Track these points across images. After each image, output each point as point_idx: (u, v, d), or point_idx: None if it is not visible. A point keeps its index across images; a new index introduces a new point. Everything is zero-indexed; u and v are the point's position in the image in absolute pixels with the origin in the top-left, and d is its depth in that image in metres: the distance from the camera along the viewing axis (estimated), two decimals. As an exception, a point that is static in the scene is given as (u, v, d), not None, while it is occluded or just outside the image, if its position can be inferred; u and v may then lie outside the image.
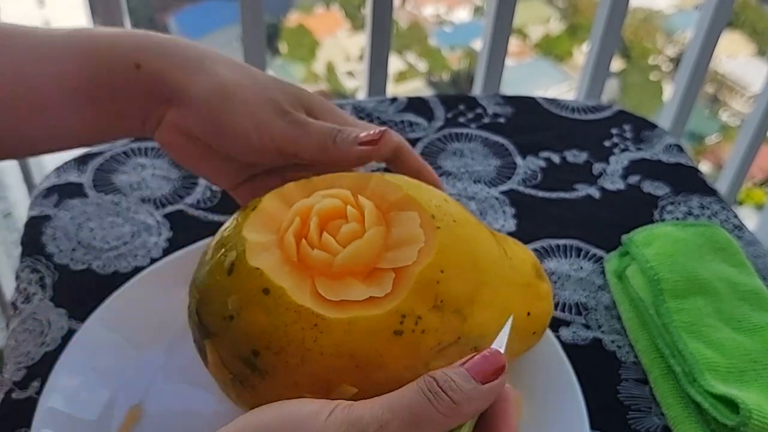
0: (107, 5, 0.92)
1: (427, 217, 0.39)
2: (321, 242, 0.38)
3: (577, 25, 7.34)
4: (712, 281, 0.55)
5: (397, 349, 0.36)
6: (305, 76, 7.57)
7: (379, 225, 0.39)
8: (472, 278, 0.39)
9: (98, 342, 0.49)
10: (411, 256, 0.38)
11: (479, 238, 0.41)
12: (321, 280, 0.37)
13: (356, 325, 0.36)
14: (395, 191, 0.40)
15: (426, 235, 0.38)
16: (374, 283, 0.37)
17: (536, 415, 0.48)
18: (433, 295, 0.37)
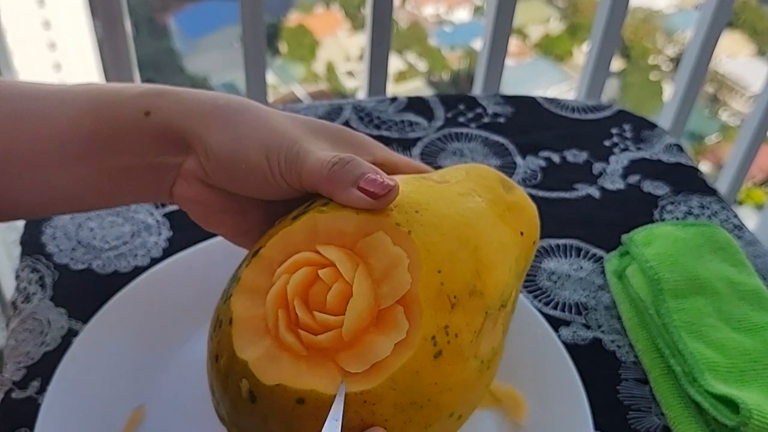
0: (107, 5, 0.92)
1: (393, 228, 0.37)
2: (318, 323, 0.36)
3: (577, 24, 7.35)
4: (712, 281, 0.55)
5: (446, 368, 0.36)
6: (305, 76, 7.57)
7: (356, 266, 0.37)
8: (466, 253, 0.38)
9: (101, 343, 0.49)
10: (405, 278, 0.36)
11: (445, 205, 0.40)
12: (341, 357, 0.35)
13: (400, 378, 0.35)
14: (347, 220, 0.38)
15: (404, 248, 0.37)
16: (390, 327, 0.36)
17: (540, 416, 0.48)
18: (445, 299, 0.36)
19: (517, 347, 0.51)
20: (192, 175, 0.43)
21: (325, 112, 0.74)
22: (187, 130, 0.42)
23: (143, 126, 0.42)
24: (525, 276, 0.44)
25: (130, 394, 0.48)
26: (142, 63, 1.03)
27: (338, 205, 0.39)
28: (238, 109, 0.43)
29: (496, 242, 0.40)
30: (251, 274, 0.38)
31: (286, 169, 0.41)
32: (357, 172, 0.39)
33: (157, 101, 0.43)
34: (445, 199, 0.40)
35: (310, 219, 0.39)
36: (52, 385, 0.47)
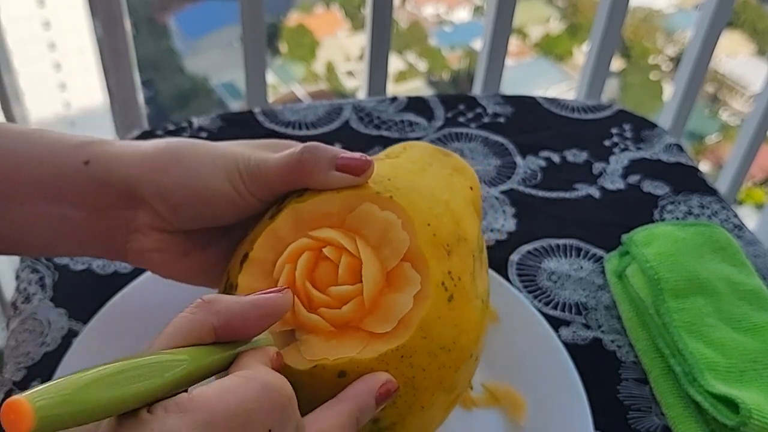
0: (107, 5, 0.92)
1: (375, 196, 0.39)
2: (334, 297, 0.37)
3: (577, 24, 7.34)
4: (712, 281, 0.55)
5: (459, 310, 0.38)
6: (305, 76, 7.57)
7: (354, 240, 0.38)
8: (442, 207, 0.40)
9: (101, 343, 0.49)
10: (404, 237, 0.38)
11: (407, 173, 0.42)
12: (367, 322, 0.36)
13: (427, 326, 0.36)
14: (330, 201, 0.39)
15: (392, 211, 0.38)
16: (404, 283, 0.37)
17: (540, 416, 0.48)
18: (441, 247, 0.38)
19: (517, 347, 0.52)
20: (148, 226, 0.42)
21: (325, 112, 0.74)
22: (131, 178, 0.41)
23: (82, 175, 0.41)
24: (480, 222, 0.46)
25: None
26: (142, 63, 1.03)
27: (314, 191, 0.40)
28: (179, 146, 0.42)
29: (459, 196, 0.43)
30: (247, 278, 0.38)
31: (250, 184, 0.41)
32: (328, 155, 0.39)
33: (96, 150, 0.42)
34: (403, 168, 0.42)
35: (291, 211, 0.39)
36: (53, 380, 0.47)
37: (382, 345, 0.36)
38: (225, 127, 0.71)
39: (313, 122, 0.73)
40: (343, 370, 0.35)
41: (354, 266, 0.37)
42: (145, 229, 0.42)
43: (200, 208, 0.41)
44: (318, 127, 0.72)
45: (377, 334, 0.36)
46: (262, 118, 0.72)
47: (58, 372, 0.47)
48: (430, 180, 0.42)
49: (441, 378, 0.37)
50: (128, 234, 0.43)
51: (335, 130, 0.72)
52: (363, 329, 0.36)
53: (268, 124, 0.72)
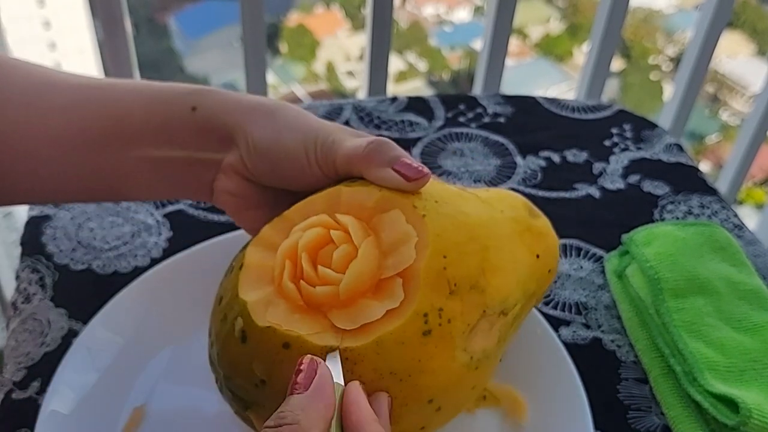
0: (107, 5, 0.92)
1: (410, 209, 0.39)
2: (320, 277, 0.37)
3: (577, 24, 7.35)
4: (712, 280, 0.55)
5: (432, 348, 0.36)
6: (305, 76, 7.57)
7: (368, 236, 0.38)
8: (475, 249, 0.39)
9: (101, 343, 0.49)
10: (410, 254, 0.37)
11: (466, 206, 0.41)
12: (334, 313, 0.37)
13: (385, 344, 0.35)
14: (369, 195, 0.40)
15: (416, 228, 0.38)
16: (385, 295, 0.37)
17: (540, 416, 0.48)
18: (445, 282, 0.37)
19: (517, 347, 0.51)
20: (232, 168, 0.45)
21: (325, 112, 0.74)
22: (232, 124, 0.44)
23: (189, 120, 0.45)
24: (534, 301, 0.44)
25: (131, 394, 0.48)
26: (142, 63, 1.03)
27: (366, 182, 0.41)
28: (278, 106, 0.45)
29: (508, 252, 0.41)
30: (270, 230, 0.41)
31: (321, 157, 0.43)
32: (393, 153, 0.41)
33: (203, 99, 0.45)
34: (468, 201, 0.42)
35: (335, 191, 0.41)
36: (52, 385, 0.47)
37: (333, 339, 0.36)
38: (225, 127, 0.71)
39: (313, 122, 0.72)
40: (288, 342, 0.36)
41: (351, 256, 0.37)
42: (229, 171, 0.45)
43: (274, 165, 0.44)
44: (318, 127, 0.72)
45: (336, 328, 0.36)
46: (262, 118, 0.72)
47: (58, 372, 0.47)
48: (487, 222, 0.41)
49: None
50: (216, 173, 0.46)
51: (335, 130, 0.72)
52: (328, 318, 0.37)
53: (268, 124, 0.72)
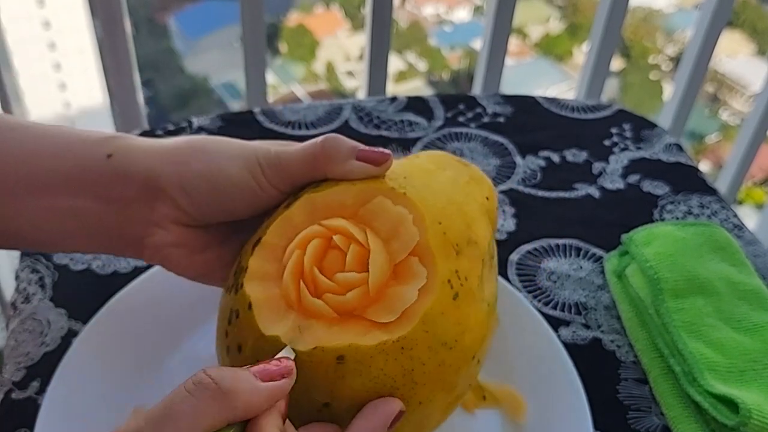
0: (107, 5, 0.92)
1: (390, 191, 0.39)
2: (341, 284, 0.37)
3: (576, 24, 7.34)
4: (712, 281, 0.55)
5: (465, 309, 0.38)
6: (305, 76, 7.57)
7: (364, 230, 0.38)
8: (455, 209, 0.40)
9: (101, 343, 0.49)
10: (413, 231, 0.38)
11: (423, 173, 0.42)
12: (370, 311, 0.37)
13: (430, 320, 0.36)
14: (345, 192, 0.40)
15: (405, 207, 0.39)
16: (409, 277, 0.37)
17: (539, 417, 0.48)
18: (450, 247, 0.38)
19: (517, 347, 0.52)
20: (168, 218, 0.42)
21: (325, 112, 0.74)
22: (154, 170, 0.41)
23: (105, 168, 0.41)
24: (496, 235, 0.46)
25: (130, 395, 0.48)
26: (142, 63, 1.03)
27: (331, 182, 0.40)
28: (200, 140, 0.43)
29: (472, 201, 0.43)
30: (258, 261, 0.39)
31: (271, 174, 0.41)
32: (349, 144, 0.40)
33: (119, 144, 0.42)
34: (420, 168, 0.43)
35: (306, 200, 0.40)
36: (51, 385, 0.47)
37: (384, 334, 0.36)
38: (225, 127, 0.71)
39: (313, 122, 0.73)
40: (342, 354, 0.35)
41: (362, 256, 0.37)
42: (164, 222, 0.42)
43: (221, 199, 0.41)
44: (318, 127, 0.72)
45: (379, 324, 0.36)
46: (262, 118, 0.72)
47: (58, 372, 0.47)
48: (445, 183, 0.43)
49: (440, 375, 0.37)
50: (146, 228, 0.42)
51: (335, 130, 0.72)
52: (366, 318, 0.36)
53: (268, 124, 0.72)
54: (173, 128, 0.70)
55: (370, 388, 0.35)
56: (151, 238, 0.42)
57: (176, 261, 0.43)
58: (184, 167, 0.41)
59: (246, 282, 0.38)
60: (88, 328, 0.50)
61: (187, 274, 0.44)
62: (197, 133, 0.70)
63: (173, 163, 0.41)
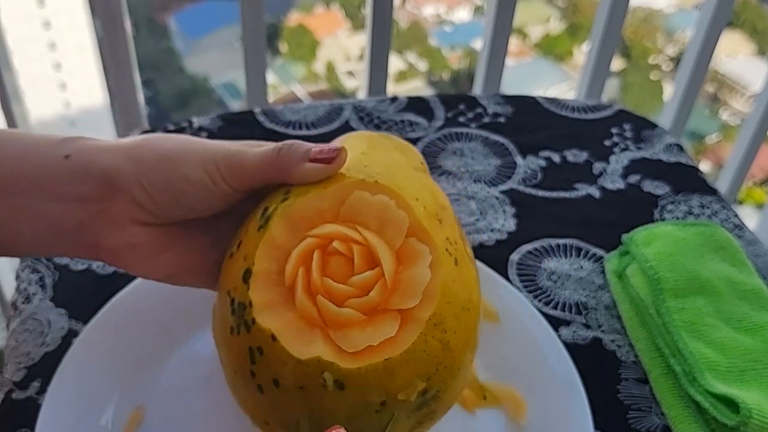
0: (107, 5, 0.92)
1: (363, 184, 0.40)
2: (357, 286, 0.37)
3: (577, 24, 7.34)
4: (713, 280, 0.55)
5: (465, 270, 0.40)
6: (305, 76, 7.57)
7: (355, 229, 0.38)
8: (417, 182, 0.42)
9: (101, 343, 0.50)
10: (402, 215, 0.39)
11: (371, 160, 0.43)
12: (392, 303, 0.37)
13: (448, 291, 0.38)
14: (318, 198, 0.39)
15: (383, 193, 0.39)
16: (415, 257, 0.38)
17: (540, 417, 0.48)
18: (434, 219, 0.40)
19: (518, 347, 0.52)
20: (125, 216, 0.42)
21: (325, 112, 0.74)
22: (111, 167, 0.41)
23: (62, 168, 0.41)
24: None
25: (130, 394, 0.48)
26: (142, 63, 1.03)
27: (299, 191, 0.40)
28: (157, 138, 0.43)
29: (418, 171, 0.44)
30: (259, 292, 0.38)
31: (228, 175, 0.41)
32: (303, 149, 0.41)
33: (77, 145, 0.42)
34: (365, 155, 0.43)
35: (282, 216, 0.39)
36: (52, 385, 0.47)
37: (417, 315, 0.37)
38: (225, 127, 0.71)
39: (313, 122, 0.73)
40: (387, 356, 0.36)
41: (365, 253, 0.38)
42: (123, 221, 0.42)
43: (177, 195, 0.41)
44: (318, 127, 0.72)
45: (406, 310, 0.37)
46: (262, 118, 0.72)
47: (59, 372, 0.47)
48: (394, 161, 0.44)
49: (467, 337, 0.39)
50: (104, 227, 0.42)
51: (335, 130, 0.72)
52: (391, 309, 0.37)
53: (268, 124, 0.72)
54: (173, 128, 0.70)
55: (420, 371, 0.36)
56: (109, 238, 0.42)
57: (135, 262, 0.43)
58: (140, 163, 0.41)
59: (257, 316, 0.37)
60: (89, 328, 0.50)
61: (149, 275, 0.44)
62: (197, 133, 0.70)
63: (130, 158, 0.41)
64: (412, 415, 0.38)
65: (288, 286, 0.37)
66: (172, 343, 0.51)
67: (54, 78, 6.84)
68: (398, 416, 0.37)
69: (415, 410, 0.38)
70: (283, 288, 0.38)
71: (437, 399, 0.38)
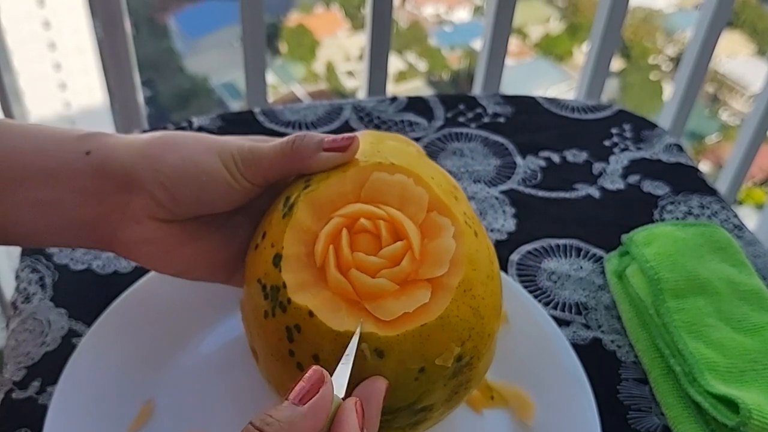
0: (107, 5, 0.92)
1: (380, 166, 0.41)
2: (389, 257, 0.38)
3: (576, 24, 7.34)
4: (712, 281, 0.55)
5: (484, 241, 0.41)
6: (305, 76, 7.57)
7: (378, 207, 0.40)
8: (427, 164, 0.43)
9: (111, 338, 0.50)
10: (421, 192, 0.40)
11: (383, 147, 0.44)
12: (421, 273, 0.38)
13: (473, 259, 0.39)
14: (339, 184, 0.41)
15: (401, 173, 0.41)
16: (438, 230, 0.39)
17: (547, 417, 0.48)
18: (449, 194, 0.41)
19: (525, 347, 0.52)
20: (143, 212, 0.42)
21: (325, 112, 0.74)
22: (131, 164, 0.42)
23: (83, 164, 0.42)
24: None
25: (140, 389, 0.48)
26: (142, 63, 1.03)
27: (319, 178, 0.41)
28: (175, 135, 0.43)
29: (426, 158, 0.45)
30: (291, 274, 0.39)
31: (245, 169, 0.42)
32: (316, 139, 0.42)
33: (98, 141, 0.43)
34: (373, 144, 0.44)
35: (306, 202, 0.40)
36: (60, 381, 0.47)
37: (446, 284, 0.38)
38: (225, 127, 0.71)
39: (313, 122, 0.73)
40: (424, 323, 0.37)
41: (391, 229, 0.39)
42: (140, 217, 0.43)
43: (196, 191, 0.42)
44: (318, 127, 0.72)
45: (436, 278, 0.38)
46: (262, 118, 0.72)
47: (67, 368, 0.47)
48: (401, 149, 0.45)
49: (494, 304, 0.40)
50: (121, 221, 0.43)
51: (335, 130, 0.72)
52: (421, 279, 0.38)
53: (268, 124, 0.72)
54: (173, 128, 0.70)
55: (454, 337, 0.38)
56: (125, 231, 0.43)
57: (150, 257, 0.44)
58: (159, 161, 0.42)
59: (292, 295, 0.38)
60: (98, 323, 0.50)
61: (164, 270, 0.45)
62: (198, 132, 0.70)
63: (149, 157, 0.42)
64: (448, 383, 0.39)
65: (319, 266, 0.39)
66: (181, 337, 0.51)
67: (54, 78, 6.84)
68: (436, 384, 0.38)
69: (450, 377, 0.39)
70: (315, 269, 0.39)
71: (471, 367, 0.39)
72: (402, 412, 0.39)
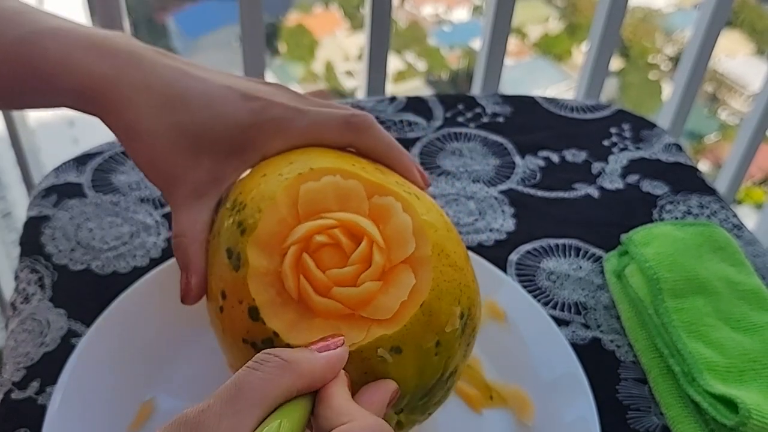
0: (106, 5, 0.92)
1: (299, 178, 0.41)
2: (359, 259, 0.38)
3: (576, 24, 7.35)
4: (712, 281, 0.55)
5: (425, 200, 0.42)
6: (304, 76, 7.57)
7: (321, 218, 0.39)
8: (333, 154, 0.44)
9: (110, 338, 0.50)
10: (354, 184, 0.40)
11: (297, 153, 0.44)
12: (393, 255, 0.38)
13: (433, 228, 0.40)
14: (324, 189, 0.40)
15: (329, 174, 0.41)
16: (386, 213, 0.40)
17: (547, 417, 0.48)
18: (375, 171, 0.42)
19: (525, 348, 0.52)
20: None
21: (324, 112, 0.74)
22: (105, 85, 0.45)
23: None
24: None
25: (139, 389, 0.49)
26: (141, 63, 1.02)
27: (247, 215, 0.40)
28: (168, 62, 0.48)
29: (325, 149, 0.45)
30: (276, 321, 0.38)
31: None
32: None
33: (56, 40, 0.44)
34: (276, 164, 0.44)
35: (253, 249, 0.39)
36: (61, 379, 0.47)
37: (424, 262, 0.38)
38: (224, 127, 0.71)
39: (313, 122, 0.72)
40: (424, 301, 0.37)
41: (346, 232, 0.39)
42: None
43: None
44: (317, 127, 0.72)
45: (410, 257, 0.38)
46: (262, 118, 0.72)
47: (66, 368, 0.47)
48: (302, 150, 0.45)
49: (462, 250, 0.41)
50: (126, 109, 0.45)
51: (334, 130, 0.71)
52: (396, 263, 0.38)
53: (268, 124, 0.72)
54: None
55: (451, 299, 0.38)
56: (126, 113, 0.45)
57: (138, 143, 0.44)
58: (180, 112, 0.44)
59: (288, 340, 0.37)
60: (98, 323, 0.50)
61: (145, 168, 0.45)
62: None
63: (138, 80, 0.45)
64: (461, 342, 0.40)
65: (298, 299, 0.38)
66: (181, 337, 0.51)
67: (53, 78, 6.83)
68: (453, 348, 0.39)
69: (461, 335, 0.40)
70: (295, 305, 0.38)
71: (472, 317, 0.40)
72: (435, 388, 0.40)
